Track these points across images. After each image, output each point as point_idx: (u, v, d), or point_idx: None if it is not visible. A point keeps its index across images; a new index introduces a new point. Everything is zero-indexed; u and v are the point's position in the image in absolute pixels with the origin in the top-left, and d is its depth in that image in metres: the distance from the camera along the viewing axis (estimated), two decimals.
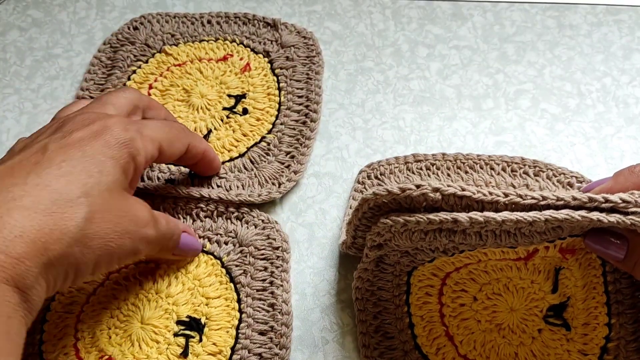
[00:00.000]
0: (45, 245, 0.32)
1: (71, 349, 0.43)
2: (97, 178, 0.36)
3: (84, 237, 0.34)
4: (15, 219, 0.32)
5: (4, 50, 0.61)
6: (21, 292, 0.32)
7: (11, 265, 0.31)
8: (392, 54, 0.59)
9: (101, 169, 0.37)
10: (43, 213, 0.33)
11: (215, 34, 0.60)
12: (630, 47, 0.59)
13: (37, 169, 0.35)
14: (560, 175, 0.49)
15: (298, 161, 0.52)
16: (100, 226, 0.35)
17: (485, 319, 0.43)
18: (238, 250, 0.48)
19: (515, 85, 0.57)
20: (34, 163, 0.36)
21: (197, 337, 0.44)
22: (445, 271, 0.43)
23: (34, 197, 0.34)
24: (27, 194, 0.34)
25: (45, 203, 0.34)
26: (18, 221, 0.32)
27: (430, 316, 0.43)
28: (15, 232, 0.32)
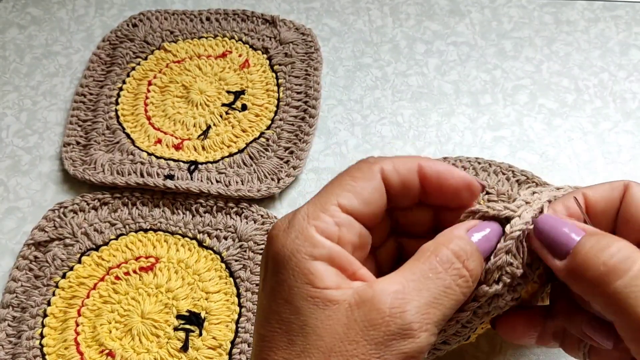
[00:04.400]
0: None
1: (72, 343, 0.44)
2: None
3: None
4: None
5: (4, 47, 0.62)
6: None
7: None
8: (390, 50, 0.59)
9: None
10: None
11: (214, 31, 0.60)
12: (627, 42, 0.59)
13: None
14: (509, 172, 0.49)
15: (297, 157, 0.52)
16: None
17: None
18: (237, 245, 0.48)
19: (513, 80, 0.57)
20: None
21: (197, 331, 0.44)
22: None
23: None
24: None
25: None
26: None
27: None
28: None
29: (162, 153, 0.52)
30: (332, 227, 0.28)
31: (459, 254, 0.28)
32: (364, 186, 0.29)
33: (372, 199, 0.29)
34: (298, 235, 0.28)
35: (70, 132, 0.54)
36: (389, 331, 0.26)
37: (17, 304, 0.46)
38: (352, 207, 0.29)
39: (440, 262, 0.27)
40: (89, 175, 0.51)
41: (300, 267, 0.27)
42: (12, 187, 0.53)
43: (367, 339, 0.26)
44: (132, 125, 0.55)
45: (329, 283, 0.27)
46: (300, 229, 0.28)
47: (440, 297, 0.27)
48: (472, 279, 0.28)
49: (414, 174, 0.30)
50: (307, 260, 0.27)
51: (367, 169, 0.30)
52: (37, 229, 0.49)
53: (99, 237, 0.49)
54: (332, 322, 0.26)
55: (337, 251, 0.28)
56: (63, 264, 0.47)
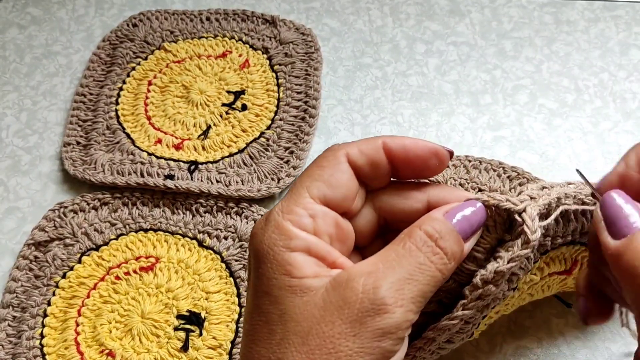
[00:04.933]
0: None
1: (72, 343, 0.44)
2: None
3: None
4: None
5: (4, 47, 0.62)
6: None
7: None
8: (390, 50, 0.59)
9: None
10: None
11: (214, 31, 0.60)
12: (627, 42, 0.59)
13: None
14: (499, 169, 0.49)
15: (297, 156, 0.52)
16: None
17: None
18: (237, 245, 0.48)
19: (513, 80, 0.57)
20: None
21: (197, 331, 0.44)
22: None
23: None
24: None
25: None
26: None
27: None
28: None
29: (162, 153, 0.52)
30: (306, 219, 0.29)
31: (431, 233, 0.28)
32: (331, 172, 0.30)
33: (340, 183, 0.30)
34: (274, 230, 0.28)
35: (70, 132, 0.54)
36: (363, 308, 0.26)
37: (17, 304, 0.46)
38: (323, 195, 0.29)
39: (414, 242, 0.28)
40: (89, 175, 0.51)
41: (277, 259, 0.28)
42: (12, 187, 0.53)
43: (342, 318, 0.26)
44: (132, 125, 0.55)
45: (307, 272, 0.27)
46: (276, 224, 0.28)
47: (414, 272, 0.27)
48: (447, 257, 0.28)
49: (380, 152, 0.30)
50: (285, 252, 0.28)
51: (332, 156, 0.30)
52: (37, 229, 0.49)
53: (99, 237, 0.49)
54: (309, 307, 0.27)
55: (313, 242, 0.28)
56: (63, 264, 0.47)
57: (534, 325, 0.44)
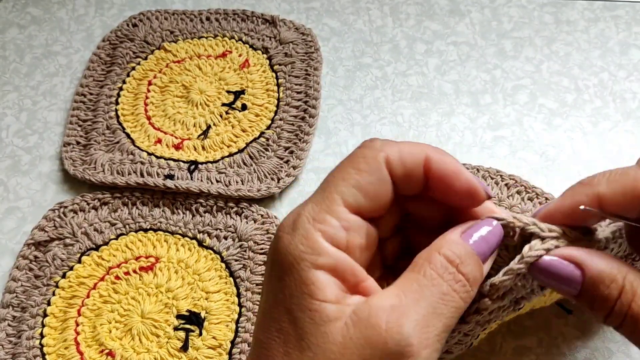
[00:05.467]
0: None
1: (72, 343, 0.44)
2: None
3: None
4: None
5: (4, 47, 0.62)
6: None
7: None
8: (390, 50, 0.59)
9: None
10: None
11: (214, 31, 0.60)
12: (627, 42, 0.59)
13: None
14: (497, 177, 0.48)
15: (297, 156, 0.52)
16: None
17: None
18: (237, 245, 0.48)
19: (513, 80, 0.57)
20: None
21: (197, 331, 0.44)
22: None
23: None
24: None
25: None
26: None
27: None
28: None
29: (162, 153, 0.52)
30: (340, 232, 0.26)
31: (452, 258, 0.26)
32: (370, 180, 0.27)
33: (378, 193, 0.27)
34: (303, 241, 0.26)
35: (70, 132, 0.54)
36: (387, 350, 0.24)
37: (17, 304, 0.46)
38: (358, 205, 0.27)
39: (434, 269, 0.26)
40: (89, 175, 0.51)
41: (302, 275, 0.26)
42: (12, 187, 0.53)
43: (363, 357, 0.24)
44: (132, 125, 0.55)
45: (329, 296, 0.26)
46: (305, 234, 0.26)
47: (438, 306, 0.25)
48: (469, 283, 0.26)
49: (420, 166, 0.28)
50: (310, 269, 0.26)
51: (372, 159, 0.27)
52: (37, 229, 0.49)
53: (99, 237, 0.49)
54: (328, 340, 0.25)
55: (342, 260, 0.26)
56: (63, 264, 0.47)
57: (534, 325, 0.44)
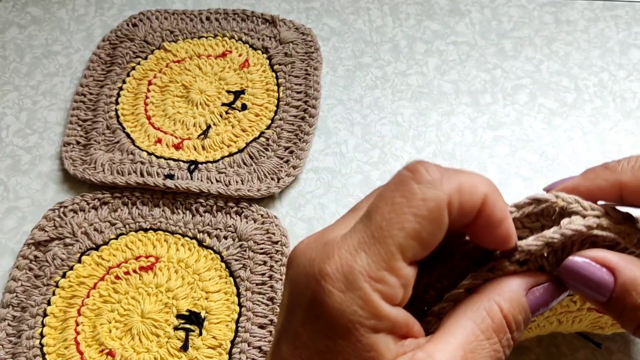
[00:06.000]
0: None
1: (72, 342, 0.44)
2: None
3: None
4: None
5: (4, 47, 0.62)
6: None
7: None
8: (390, 50, 0.59)
9: None
10: None
11: (214, 31, 0.60)
12: (627, 42, 0.59)
13: None
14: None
15: (297, 156, 0.52)
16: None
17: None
18: (237, 245, 0.48)
19: (513, 80, 0.57)
20: None
21: (197, 330, 0.44)
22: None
23: None
24: None
25: None
26: None
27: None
28: None
29: (162, 153, 0.53)
30: (398, 290, 0.24)
31: (510, 322, 0.25)
32: (430, 231, 0.24)
33: (436, 241, 0.25)
34: (360, 304, 0.23)
35: (70, 131, 0.54)
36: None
37: (17, 304, 0.46)
38: (415, 257, 0.24)
39: (494, 329, 0.25)
40: (89, 175, 0.51)
41: (362, 342, 0.23)
42: (12, 187, 0.53)
43: None
44: (132, 124, 0.55)
45: (389, 357, 0.24)
46: (363, 296, 0.23)
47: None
48: (514, 343, 0.26)
49: (476, 209, 0.25)
50: (371, 334, 0.24)
51: (435, 205, 0.24)
52: (37, 229, 0.49)
53: (99, 237, 0.49)
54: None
55: (399, 320, 0.24)
56: (63, 264, 0.47)
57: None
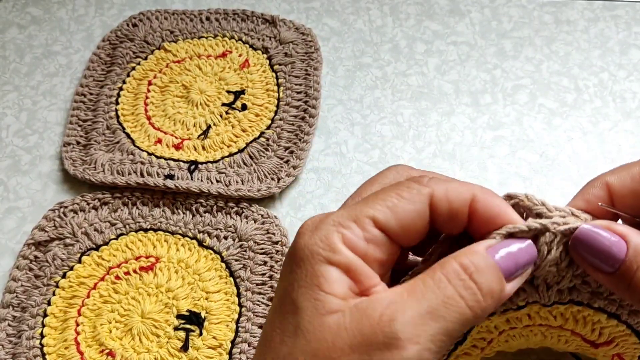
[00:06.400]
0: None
1: (72, 343, 0.44)
2: None
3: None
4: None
5: (4, 47, 0.62)
6: None
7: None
8: (390, 50, 0.59)
9: None
10: None
11: (214, 31, 0.60)
12: (627, 42, 0.59)
13: None
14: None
15: (297, 156, 0.52)
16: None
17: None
18: (237, 245, 0.48)
19: (513, 80, 0.57)
20: None
21: (197, 330, 0.44)
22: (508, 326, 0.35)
23: None
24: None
25: None
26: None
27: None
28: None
29: (162, 153, 0.52)
30: (360, 241, 0.27)
31: (466, 265, 0.26)
32: (407, 208, 0.27)
33: (411, 224, 0.27)
34: (322, 239, 0.26)
35: (70, 132, 0.54)
36: (375, 339, 0.24)
37: (17, 304, 0.46)
38: (387, 225, 0.27)
39: (445, 273, 0.26)
40: (89, 175, 0.51)
41: (314, 268, 0.26)
42: (12, 187, 0.53)
43: (352, 346, 0.24)
44: (132, 125, 0.55)
45: (337, 290, 0.26)
46: (325, 234, 0.27)
47: (438, 307, 0.25)
48: (481, 293, 0.25)
49: (466, 206, 0.27)
50: (322, 263, 0.26)
51: (416, 191, 0.27)
52: (37, 229, 0.49)
53: (99, 237, 0.49)
54: (323, 328, 0.25)
55: (355, 263, 0.26)
56: (63, 264, 0.47)
57: None
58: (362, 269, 0.26)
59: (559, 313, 0.31)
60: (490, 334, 0.33)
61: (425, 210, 0.27)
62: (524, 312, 0.31)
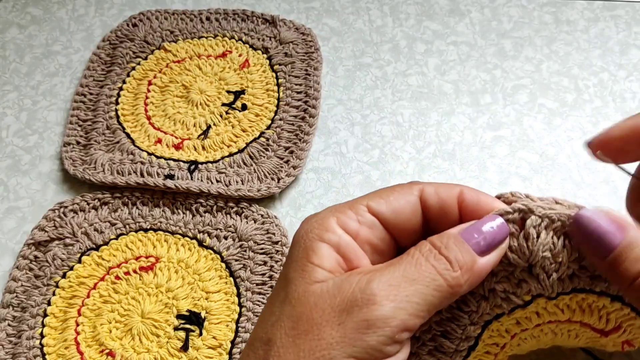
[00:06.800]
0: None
1: (72, 343, 0.44)
2: None
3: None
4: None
5: (4, 47, 0.62)
6: None
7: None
8: (390, 50, 0.59)
9: None
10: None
11: (214, 31, 0.60)
12: (627, 42, 0.59)
13: None
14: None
15: (297, 156, 0.52)
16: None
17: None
18: (237, 245, 0.48)
19: (513, 80, 0.57)
20: None
21: (197, 330, 0.44)
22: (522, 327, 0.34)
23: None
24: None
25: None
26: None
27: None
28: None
29: (162, 153, 0.52)
30: (353, 222, 0.29)
31: (436, 243, 0.28)
32: (397, 197, 0.30)
33: (403, 210, 0.30)
34: (317, 221, 0.29)
35: (70, 132, 0.54)
36: (352, 297, 0.27)
37: (17, 304, 0.46)
38: (379, 211, 0.30)
39: (419, 250, 0.28)
40: (89, 175, 0.51)
41: (306, 244, 0.29)
42: (12, 187, 0.53)
43: (333, 306, 0.27)
44: (132, 125, 0.55)
45: (325, 264, 0.28)
46: (321, 217, 0.30)
47: (413, 274, 0.27)
48: (451, 265, 0.28)
49: (454, 199, 0.30)
50: (314, 240, 0.29)
51: (407, 187, 0.31)
52: (37, 229, 0.49)
53: (99, 237, 0.49)
54: (308, 294, 0.27)
55: (346, 242, 0.29)
56: (63, 264, 0.47)
57: None
58: (352, 247, 0.29)
59: (565, 305, 0.32)
60: (502, 339, 0.34)
61: (416, 202, 0.30)
62: (531, 309, 0.32)
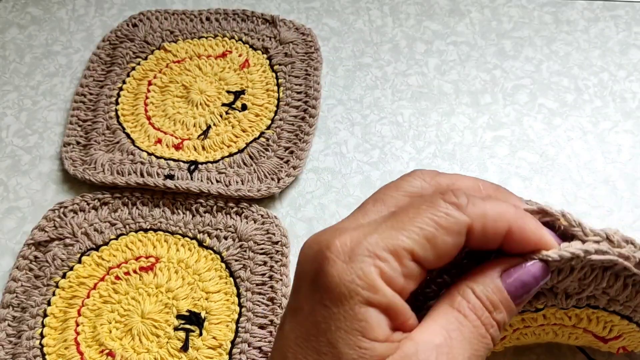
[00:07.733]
0: None
1: (72, 343, 0.44)
2: None
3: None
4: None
5: (4, 47, 0.62)
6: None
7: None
8: (390, 50, 0.59)
9: None
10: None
11: (214, 31, 0.60)
12: (627, 42, 0.59)
13: None
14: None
15: (297, 156, 0.52)
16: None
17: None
18: (237, 245, 0.48)
19: (513, 80, 0.57)
20: None
21: (197, 331, 0.44)
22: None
23: None
24: None
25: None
26: None
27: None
28: None
29: (162, 153, 0.53)
30: (399, 277, 0.26)
31: (486, 304, 0.26)
32: (445, 241, 0.26)
33: (448, 255, 0.27)
34: (360, 275, 0.25)
35: (70, 132, 0.54)
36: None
37: (17, 304, 0.46)
38: (425, 259, 0.26)
39: (472, 309, 0.26)
40: (89, 175, 0.51)
41: (354, 311, 0.25)
42: (12, 187, 0.53)
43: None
44: (132, 125, 0.55)
45: (379, 335, 0.25)
46: (363, 269, 0.25)
47: (479, 347, 0.26)
48: (499, 328, 0.27)
49: (501, 236, 0.27)
50: (363, 305, 0.25)
51: (455, 223, 0.26)
52: (37, 229, 0.49)
53: (99, 237, 0.49)
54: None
55: (396, 302, 0.26)
56: (63, 264, 0.47)
57: None
58: (401, 308, 0.26)
59: (575, 314, 0.32)
60: (504, 332, 0.34)
61: (462, 242, 0.27)
62: (540, 313, 0.32)
